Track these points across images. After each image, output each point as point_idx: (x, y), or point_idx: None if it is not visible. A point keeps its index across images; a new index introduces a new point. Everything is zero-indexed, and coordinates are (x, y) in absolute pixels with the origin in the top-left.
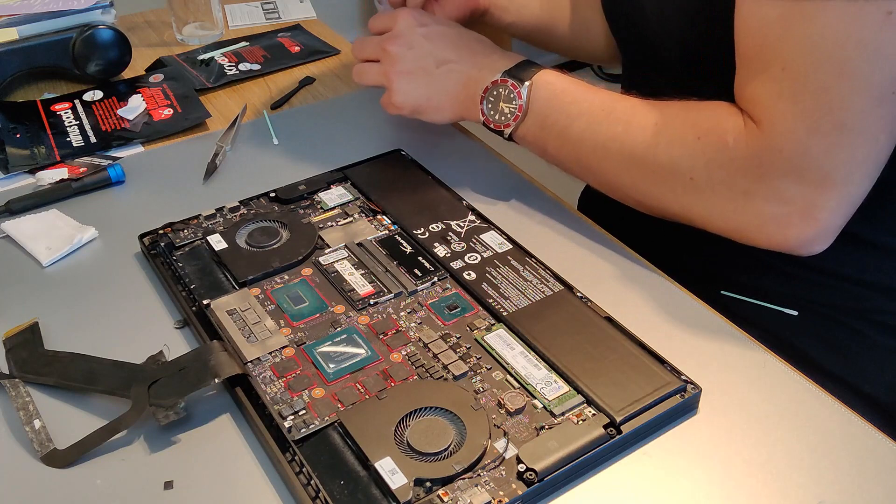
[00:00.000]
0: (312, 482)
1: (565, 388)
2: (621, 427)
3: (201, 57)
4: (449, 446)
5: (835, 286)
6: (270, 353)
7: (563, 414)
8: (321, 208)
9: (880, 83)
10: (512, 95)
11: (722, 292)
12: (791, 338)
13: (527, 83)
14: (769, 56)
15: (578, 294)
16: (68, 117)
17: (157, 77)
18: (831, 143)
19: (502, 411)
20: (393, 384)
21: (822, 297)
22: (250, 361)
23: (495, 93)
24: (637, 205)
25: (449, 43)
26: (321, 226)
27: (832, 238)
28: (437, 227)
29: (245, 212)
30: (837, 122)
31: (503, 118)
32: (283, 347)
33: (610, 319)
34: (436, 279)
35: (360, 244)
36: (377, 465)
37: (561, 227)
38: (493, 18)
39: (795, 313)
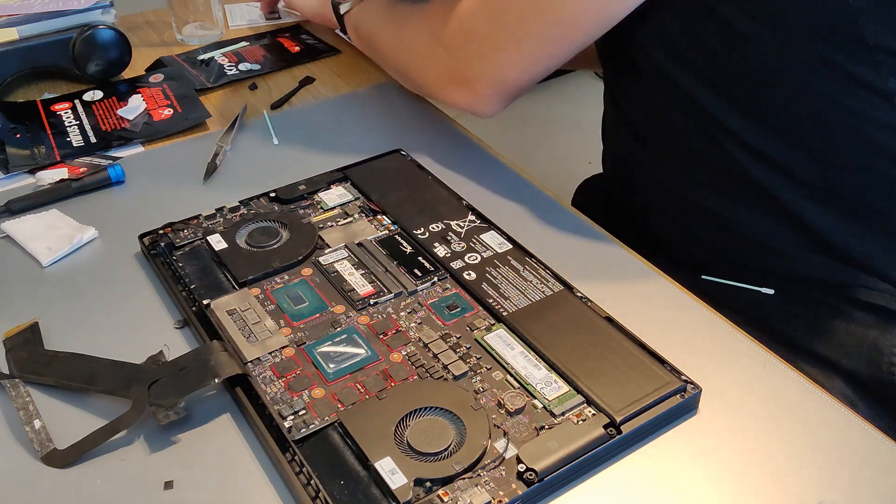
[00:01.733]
0: (312, 482)
1: (565, 388)
2: (621, 427)
3: (201, 57)
4: (449, 446)
5: (813, 263)
6: (270, 353)
7: (563, 414)
8: (321, 208)
9: (537, 16)
10: None
11: (703, 277)
12: (770, 318)
13: None
14: None
15: (578, 294)
16: (68, 117)
17: (157, 77)
18: (489, 34)
19: (502, 411)
20: (393, 384)
21: (800, 275)
22: (250, 361)
23: None
24: (399, 78)
25: None
26: (321, 226)
27: (496, 104)
28: (437, 227)
29: (245, 212)
30: (498, 22)
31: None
32: (283, 347)
33: (610, 319)
34: (436, 279)
35: (360, 244)
36: (377, 465)
37: (561, 227)
38: None
39: (772, 292)
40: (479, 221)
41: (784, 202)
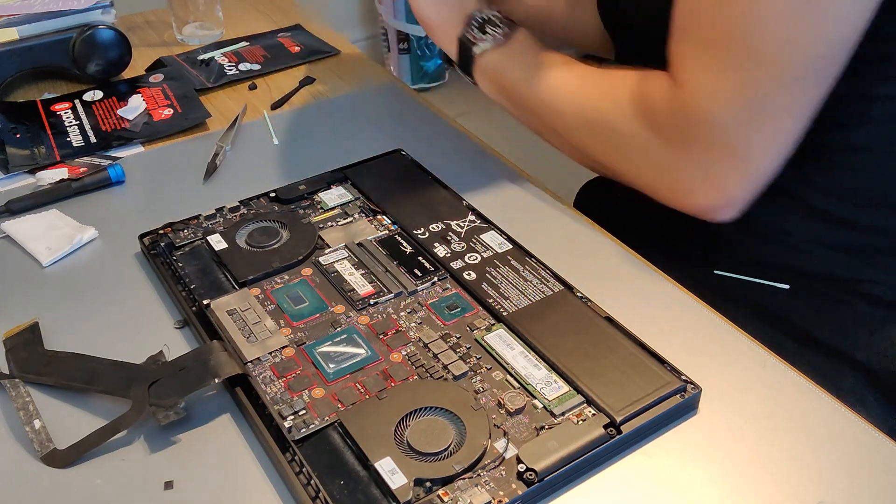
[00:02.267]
0: (312, 482)
1: (565, 388)
2: (621, 427)
3: (201, 57)
4: (449, 446)
5: (830, 259)
6: (270, 353)
7: (563, 414)
8: (321, 208)
9: (791, 68)
10: (500, 24)
11: (716, 272)
12: (784, 311)
13: (519, 26)
14: (696, 25)
15: (578, 294)
16: (68, 117)
17: (157, 77)
18: (740, 119)
19: (502, 411)
20: (393, 384)
21: (816, 270)
22: (250, 361)
23: (483, 17)
24: (581, 159)
25: None
26: (321, 226)
27: (740, 208)
28: (437, 227)
29: (245, 212)
30: (748, 100)
31: (483, 35)
32: (283, 347)
33: (610, 319)
34: (436, 279)
35: (360, 244)
36: (377, 465)
37: (561, 227)
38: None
39: (787, 287)
40: (479, 221)
41: (805, 199)
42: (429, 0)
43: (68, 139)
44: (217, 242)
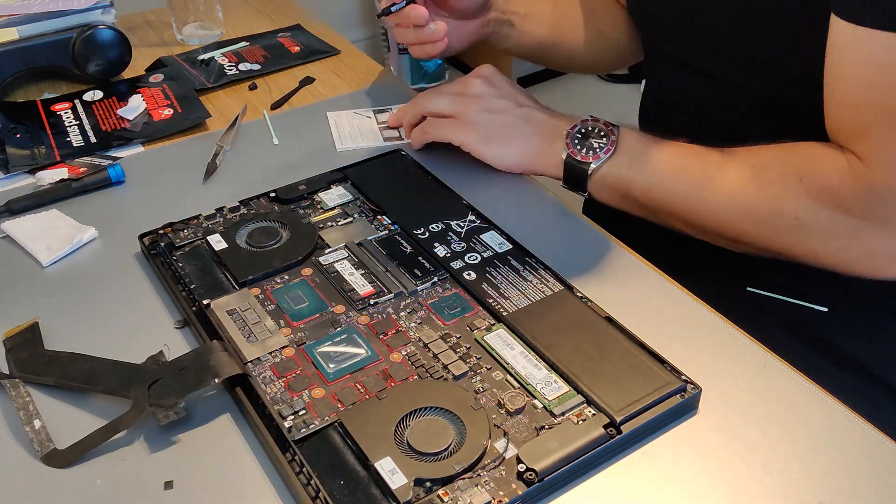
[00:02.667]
0: (312, 482)
1: (565, 388)
2: (621, 427)
3: (201, 57)
4: (449, 446)
5: (861, 282)
6: (270, 353)
7: (563, 414)
8: (321, 208)
9: None
10: (603, 133)
11: (748, 289)
12: (820, 331)
13: (618, 125)
14: (879, 99)
15: (578, 294)
16: (68, 117)
17: (157, 77)
18: None
19: (502, 411)
20: (393, 384)
21: (853, 288)
22: (250, 361)
23: (583, 130)
24: (732, 245)
25: (527, 94)
26: (321, 226)
27: None
28: (437, 227)
29: (245, 212)
30: None
31: (590, 151)
32: (283, 347)
33: (610, 319)
34: (436, 279)
35: (360, 244)
36: (377, 465)
37: (561, 227)
38: (498, 39)
39: (826, 310)
40: (479, 221)
41: None
42: (517, 146)
43: (68, 139)
44: (217, 242)
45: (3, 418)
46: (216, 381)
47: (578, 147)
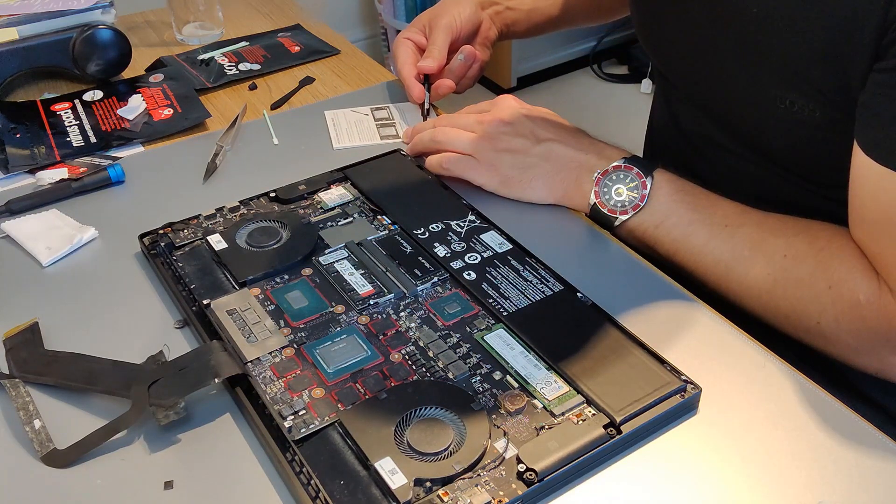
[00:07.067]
0: (312, 482)
1: (565, 388)
2: (621, 427)
3: (201, 57)
4: (449, 446)
5: None
6: (270, 353)
7: (563, 414)
8: (321, 208)
9: None
10: (634, 183)
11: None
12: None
13: (653, 174)
14: (890, 233)
15: (578, 294)
16: (68, 117)
17: (157, 77)
18: None
19: (502, 411)
20: (393, 384)
21: None
22: (250, 361)
23: (614, 177)
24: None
25: (549, 124)
26: (321, 226)
27: None
28: (437, 227)
29: (245, 212)
30: None
31: (619, 205)
32: (283, 347)
33: (610, 319)
34: (436, 279)
35: (360, 244)
36: (377, 465)
37: (561, 227)
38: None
39: None
40: (479, 221)
41: None
42: (540, 185)
43: (68, 139)
44: (217, 242)
45: (3, 418)
46: (216, 381)
47: (606, 197)
